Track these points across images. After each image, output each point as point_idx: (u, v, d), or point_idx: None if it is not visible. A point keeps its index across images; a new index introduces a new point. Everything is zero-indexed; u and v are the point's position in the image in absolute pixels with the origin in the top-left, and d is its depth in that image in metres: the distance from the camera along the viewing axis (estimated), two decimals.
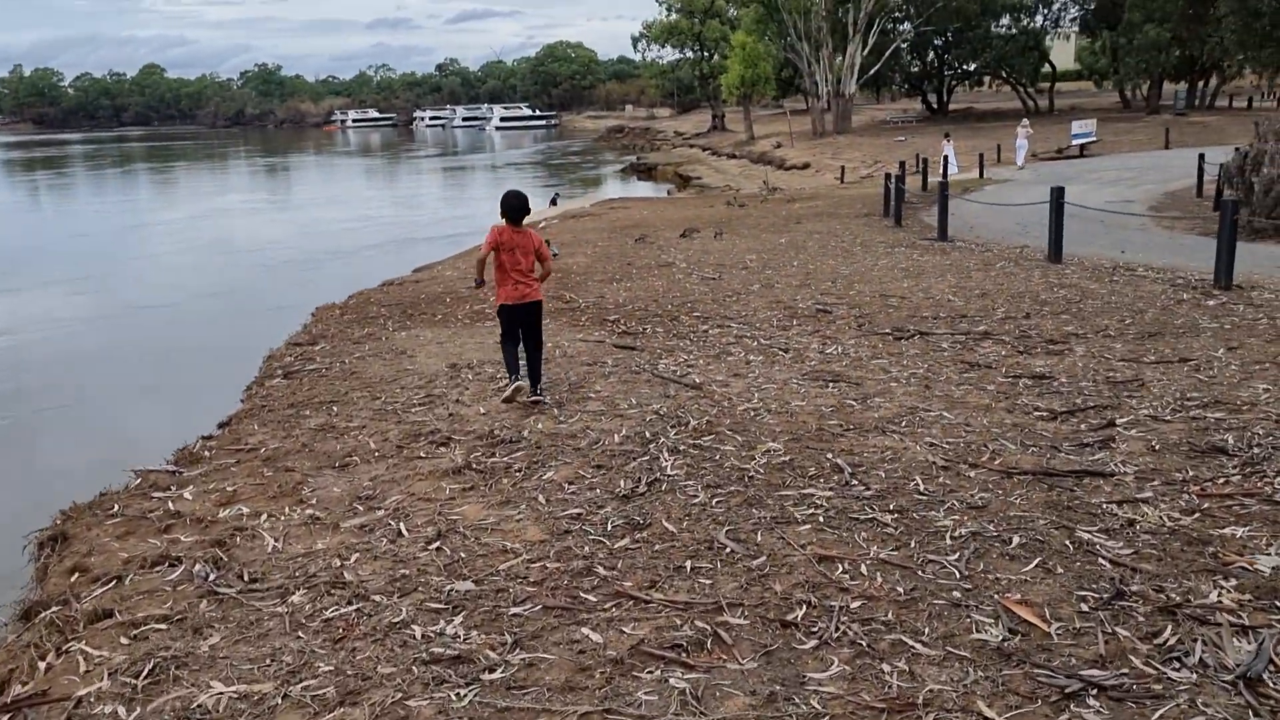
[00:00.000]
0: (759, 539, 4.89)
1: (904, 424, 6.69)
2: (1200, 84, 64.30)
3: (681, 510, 5.28)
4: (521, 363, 7.57)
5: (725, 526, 5.04)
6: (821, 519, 5.10)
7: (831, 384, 7.82)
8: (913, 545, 4.76)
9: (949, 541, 4.78)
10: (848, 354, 8.97)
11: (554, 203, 37.34)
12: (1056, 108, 68.45)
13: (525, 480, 5.88)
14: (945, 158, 33.33)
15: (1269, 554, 4.58)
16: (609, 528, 5.11)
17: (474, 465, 6.15)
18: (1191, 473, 5.63)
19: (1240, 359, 8.19)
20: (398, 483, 5.97)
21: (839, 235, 18.99)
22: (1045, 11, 69.82)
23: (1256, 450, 5.94)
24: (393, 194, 49.31)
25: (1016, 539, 4.77)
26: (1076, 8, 68.75)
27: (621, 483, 5.71)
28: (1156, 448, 6.08)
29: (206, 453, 6.98)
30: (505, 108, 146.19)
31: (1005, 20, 69.71)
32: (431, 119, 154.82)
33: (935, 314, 10.67)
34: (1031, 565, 4.50)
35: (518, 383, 7.45)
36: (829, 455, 6.04)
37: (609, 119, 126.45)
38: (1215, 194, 21.82)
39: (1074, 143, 41.25)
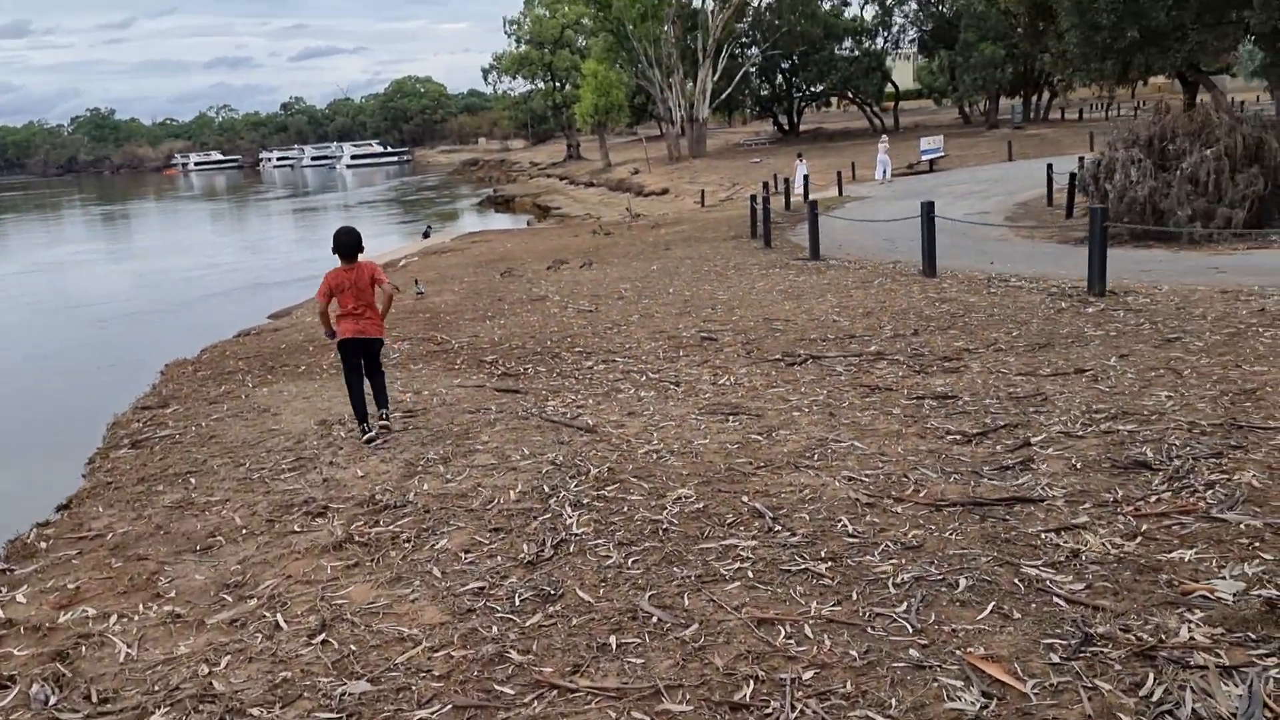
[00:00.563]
0: (686, 603, 4.40)
1: (816, 457, 6.31)
2: (1034, 98, 67.14)
3: (595, 575, 4.76)
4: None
5: (647, 591, 4.54)
6: (751, 574, 4.65)
7: (731, 418, 7.42)
8: (855, 597, 4.34)
9: (893, 590, 4.38)
10: (742, 384, 8.60)
11: (427, 235, 37.07)
12: (901, 125, 70.48)
13: (416, 551, 5.27)
14: (805, 177, 33.69)
15: (1224, 578, 4.33)
16: (517, 602, 4.55)
17: (357, 538, 5.51)
18: (1121, 492, 5.39)
19: (1134, 366, 8.11)
20: (271, 564, 5.29)
21: (710, 259, 18.78)
22: (885, 34, 72.12)
23: (1178, 462, 5.75)
24: (242, 238, 47.43)
25: (963, 581, 4.41)
26: (915, 29, 71.16)
27: (525, 547, 5.16)
28: (1078, 466, 5.84)
29: (43, 544, 6.15)
30: (356, 145, 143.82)
31: (848, 43, 71.72)
32: (279, 159, 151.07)
33: (823, 336, 10.42)
34: (986, 611, 4.13)
35: (370, 433, 7.43)
36: (745, 499, 5.61)
37: (463, 152, 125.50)
38: (1067, 202, 22.48)
39: (924, 158, 42.41)
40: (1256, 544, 4.60)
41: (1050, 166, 26.29)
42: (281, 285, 26.31)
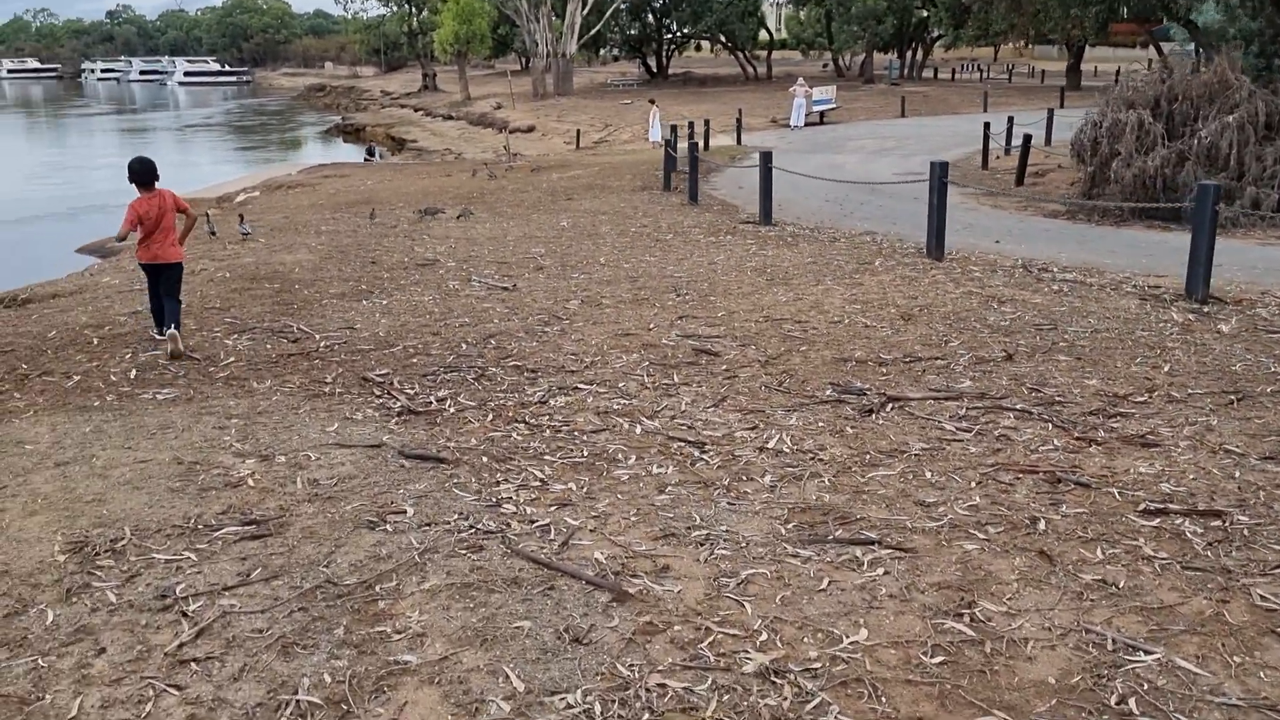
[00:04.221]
0: None
1: (1136, 707, 3.05)
2: (912, 55, 65.34)
3: None
4: None
5: None
6: None
7: (863, 554, 4.06)
8: None
9: None
10: (809, 452, 5.26)
11: (371, 154, 35.27)
12: (774, 74, 67.94)
13: None
14: (674, 126, 30.20)
15: None
16: None
17: None
18: None
19: None
20: None
21: (630, 216, 15.28)
22: None
23: None
24: (63, 156, 41.42)
25: None
26: None
27: None
28: None
29: None
30: (190, 61, 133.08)
31: None
32: (104, 72, 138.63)
33: (873, 355, 7.15)
34: None
35: (170, 332, 7.29)
36: None
37: (308, 77, 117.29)
38: (1018, 169, 19.80)
39: (815, 109, 39.58)
40: None
41: (987, 126, 23.64)
42: (103, 211, 22.36)
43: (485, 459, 5.16)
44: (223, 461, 5.02)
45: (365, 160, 34.38)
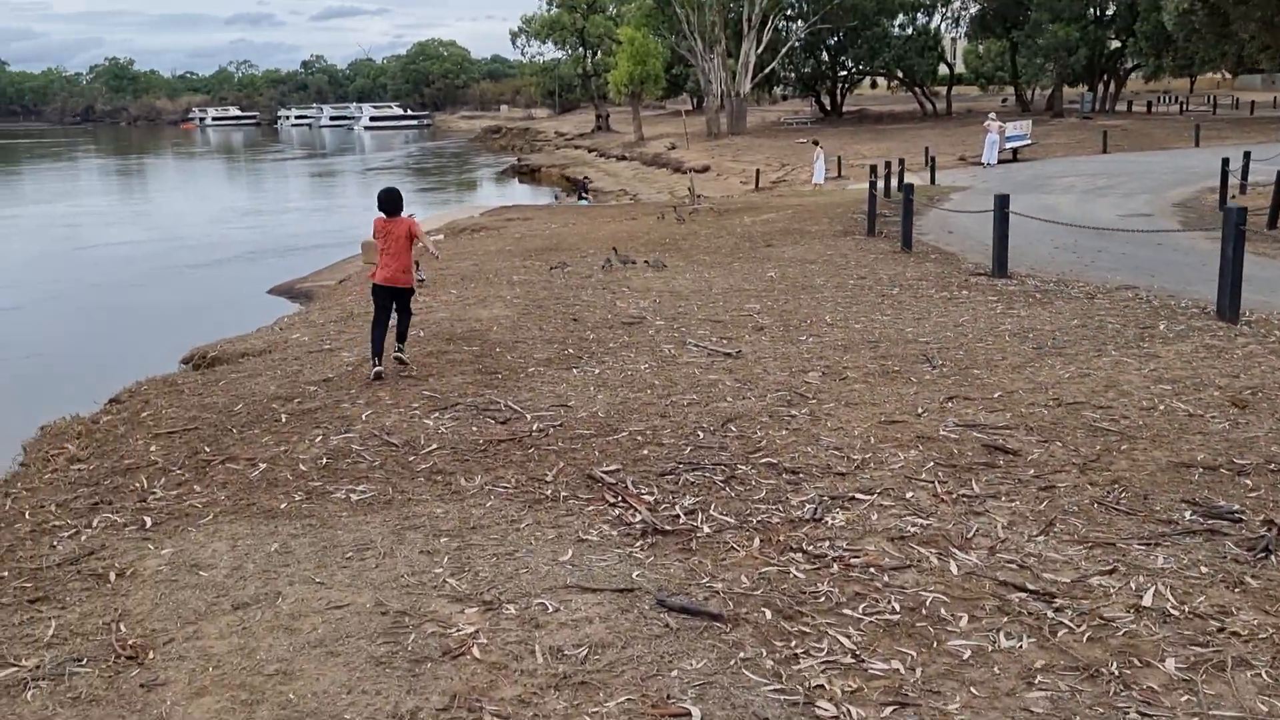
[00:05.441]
0: None
1: None
2: (1106, 88, 61.84)
3: None
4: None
5: None
6: None
7: None
8: None
9: None
10: (1201, 614, 3.83)
11: (584, 190, 35.91)
12: (954, 110, 65.37)
13: None
14: (873, 166, 28.64)
15: None
16: None
17: None
18: None
19: None
20: None
21: (842, 266, 13.93)
22: (944, 11, 66.59)
23: None
24: (255, 199, 42.85)
25: None
26: (976, 6, 65.42)
27: None
28: None
29: None
30: (375, 107, 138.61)
31: (900, 19, 66.35)
32: (297, 118, 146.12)
33: (1218, 456, 5.61)
34: None
35: (378, 369, 8.01)
36: None
37: (484, 119, 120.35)
38: (1271, 210, 17.56)
39: (1008, 145, 37.34)
40: None
41: (1226, 161, 21.31)
42: (298, 253, 23.03)
43: (768, 612, 3.93)
44: (436, 611, 3.93)
45: (579, 200, 34.35)
